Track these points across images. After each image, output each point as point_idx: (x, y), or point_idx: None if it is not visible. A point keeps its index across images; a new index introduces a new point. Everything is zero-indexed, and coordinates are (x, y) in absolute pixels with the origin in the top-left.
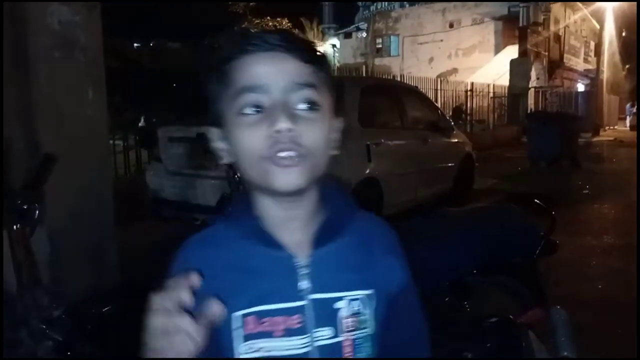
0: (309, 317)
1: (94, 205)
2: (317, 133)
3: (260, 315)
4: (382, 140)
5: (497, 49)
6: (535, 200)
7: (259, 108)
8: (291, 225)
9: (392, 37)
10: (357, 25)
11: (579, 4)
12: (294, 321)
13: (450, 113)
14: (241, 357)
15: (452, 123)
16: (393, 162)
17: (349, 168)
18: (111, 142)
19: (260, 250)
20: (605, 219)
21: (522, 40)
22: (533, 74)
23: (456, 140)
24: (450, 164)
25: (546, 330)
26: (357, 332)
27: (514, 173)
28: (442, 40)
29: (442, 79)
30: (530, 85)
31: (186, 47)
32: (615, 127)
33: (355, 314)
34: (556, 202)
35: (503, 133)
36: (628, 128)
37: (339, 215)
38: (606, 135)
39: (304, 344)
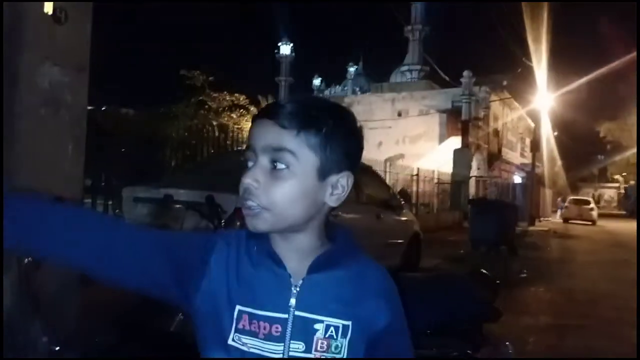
0: (287, 330)
1: None
2: (278, 190)
3: (252, 316)
4: (338, 213)
5: (442, 139)
6: (482, 270)
7: (248, 163)
8: (292, 255)
9: None
10: None
11: (515, 103)
12: (275, 329)
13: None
14: (231, 344)
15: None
16: None
17: None
18: None
19: (268, 265)
20: (541, 301)
21: (464, 132)
22: (474, 164)
23: (405, 218)
24: (400, 241)
25: None
26: (328, 354)
27: (456, 255)
28: (390, 127)
29: (390, 162)
30: (471, 174)
31: (141, 115)
32: (549, 218)
33: (330, 337)
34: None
35: (445, 217)
36: (561, 220)
37: (336, 252)
38: (541, 225)
39: (279, 351)
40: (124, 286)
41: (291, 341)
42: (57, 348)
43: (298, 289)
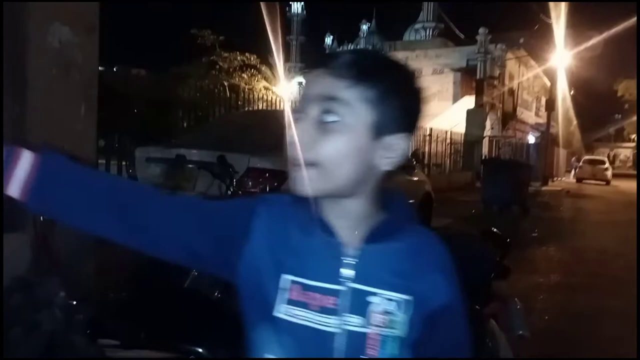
0: (343, 302)
1: None
2: (327, 144)
3: (305, 286)
4: None
5: (455, 98)
6: (493, 229)
7: (298, 115)
8: (343, 223)
9: None
10: None
11: (532, 61)
12: (329, 301)
13: (409, 156)
14: (279, 315)
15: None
16: None
17: None
18: None
19: (318, 233)
20: (551, 260)
21: (478, 91)
22: (488, 123)
23: (417, 178)
24: (411, 201)
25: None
26: (386, 329)
27: (468, 214)
28: None
29: None
30: (484, 134)
31: (152, 75)
32: (563, 178)
33: (387, 312)
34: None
35: (458, 177)
36: (574, 180)
37: (392, 222)
38: (554, 185)
39: (334, 324)
40: (160, 256)
41: (347, 314)
42: (74, 302)
43: (355, 260)
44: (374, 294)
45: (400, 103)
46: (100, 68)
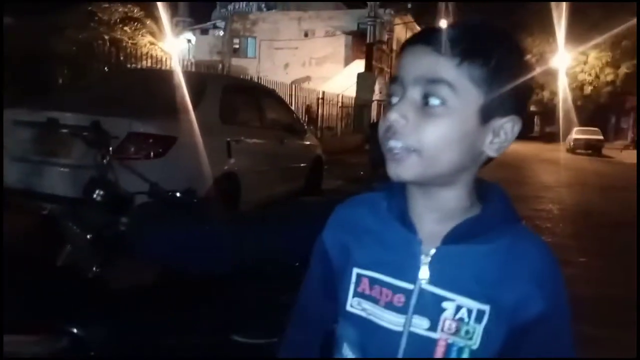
0: (411, 302)
1: None
2: (430, 129)
3: (373, 280)
4: (242, 138)
5: (347, 62)
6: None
7: (393, 98)
8: (429, 215)
9: (249, 38)
10: (214, 22)
11: (418, 27)
12: (397, 299)
13: (303, 116)
14: (350, 309)
15: (306, 127)
16: (251, 159)
17: (209, 162)
18: None
19: (396, 226)
20: None
21: (368, 55)
22: (377, 87)
23: (308, 142)
24: (303, 164)
25: None
26: (456, 338)
27: (357, 176)
28: (297, 48)
29: (296, 85)
30: (373, 98)
31: (21, 24)
32: None
33: (460, 320)
34: None
35: (349, 140)
36: None
37: (485, 219)
38: None
39: (399, 323)
40: None
41: (414, 315)
42: None
43: (432, 259)
44: (447, 298)
45: (512, 82)
46: None
